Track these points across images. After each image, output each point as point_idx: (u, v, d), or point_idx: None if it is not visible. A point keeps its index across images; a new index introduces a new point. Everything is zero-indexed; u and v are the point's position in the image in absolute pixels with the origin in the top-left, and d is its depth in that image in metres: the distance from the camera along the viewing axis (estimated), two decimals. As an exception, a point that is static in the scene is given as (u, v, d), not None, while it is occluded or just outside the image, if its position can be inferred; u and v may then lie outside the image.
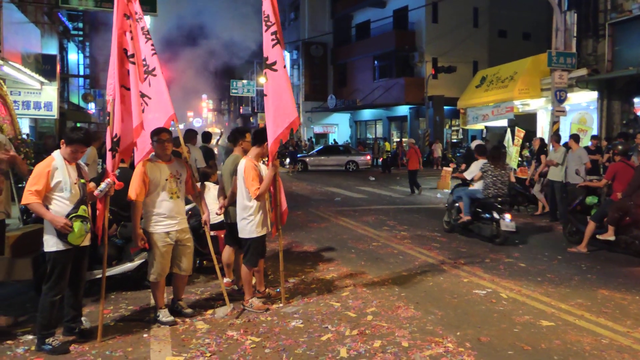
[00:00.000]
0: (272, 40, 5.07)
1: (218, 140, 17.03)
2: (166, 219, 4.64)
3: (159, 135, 4.67)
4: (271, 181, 5.01)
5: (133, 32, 4.68)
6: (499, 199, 8.19)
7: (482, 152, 9.05)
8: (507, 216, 7.96)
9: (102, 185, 4.26)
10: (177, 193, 4.72)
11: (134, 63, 4.62)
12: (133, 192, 4.53)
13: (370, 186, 17.95)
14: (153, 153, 4.73)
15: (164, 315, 4.71)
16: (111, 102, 4.56)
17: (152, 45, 5.01)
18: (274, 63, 5.08)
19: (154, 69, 4.93)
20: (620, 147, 7.89)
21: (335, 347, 4.18)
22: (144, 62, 4.93)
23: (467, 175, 8.86)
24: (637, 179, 7.04)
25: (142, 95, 4.80)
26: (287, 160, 26.49)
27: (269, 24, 5.09)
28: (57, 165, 4.05)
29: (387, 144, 26.21)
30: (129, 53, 4.63)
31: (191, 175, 4.95)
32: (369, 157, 26.49)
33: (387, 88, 30.76)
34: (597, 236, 7.46)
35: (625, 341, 4.34)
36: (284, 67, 5.10)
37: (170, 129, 4.86)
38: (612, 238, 7.28)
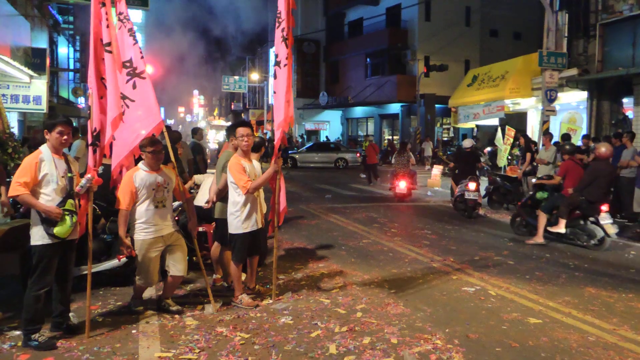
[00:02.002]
0: (280, 37, 5.08)
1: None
2: (151, 226, 4.60)
3: (154, 146, 4.57)
4: (269, 178, 5.00)
5: (109, 20, 4.40)
6: (399, 173, 13.03)
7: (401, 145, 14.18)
8: (402, 183, 12.79)
9: (82, 181, 4.19)
10: (163, 202, 4.67)
11: (110, 52, 4.40)
12: (122, 201, 4.50)
13: (361, 183, 17.98)
14: (142, 162, 4.64)
15: (135, 304, 4.89)
16: (91, 95, 4.42)
17: (140, 49, 4.68)
18: (280, 61, 5.10)
19: (142, 72, 4.60)
20: (567, 147, 8.69)
21: (324, 344, 4.19)
22: (130, 65, 4.60)
23: (392, 160, 15.16)
24: (589, 177, 7.70)
25: (123, 97, 4.51)
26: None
27: (280, 20, 5.09)
28: (44, 158, 4.03)
29: (367, 141, 25.47)
30: (104, 42, 4.40)
31: (179, 182, 4.88)
32: (359, 155, 26.44)
33: (379, 86, 30.80)
34: (548, 228, 8.12)
35: (612, 338, 4.39)
36: (285, 65, 5.07)
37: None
38: (563, 230, 7.93)
